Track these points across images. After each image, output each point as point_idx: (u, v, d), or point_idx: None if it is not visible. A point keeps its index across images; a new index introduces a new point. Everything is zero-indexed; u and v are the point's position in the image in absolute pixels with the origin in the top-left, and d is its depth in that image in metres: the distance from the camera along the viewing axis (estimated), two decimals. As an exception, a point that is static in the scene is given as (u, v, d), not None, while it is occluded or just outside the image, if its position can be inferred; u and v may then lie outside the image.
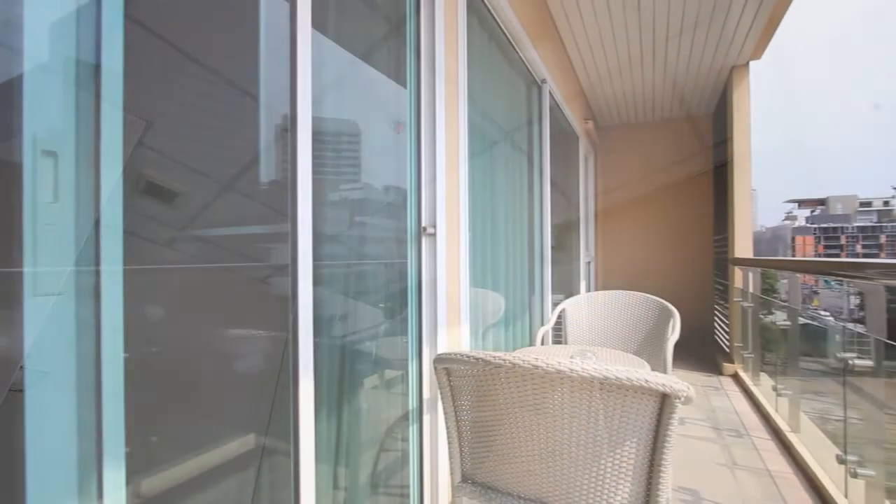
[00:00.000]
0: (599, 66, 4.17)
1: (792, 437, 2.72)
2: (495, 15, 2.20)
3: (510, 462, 1.22)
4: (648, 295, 2.52)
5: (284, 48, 1.05)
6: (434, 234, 1.57)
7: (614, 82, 4.57)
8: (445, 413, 1.29)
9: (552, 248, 3.13)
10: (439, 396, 1.30)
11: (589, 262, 5.16)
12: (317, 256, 1.19)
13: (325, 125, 1.25)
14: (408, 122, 1.55)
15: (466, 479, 1.33)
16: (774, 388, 3.08)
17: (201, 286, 0.98)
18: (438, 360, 1.24)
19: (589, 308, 2.72)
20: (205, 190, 0.98)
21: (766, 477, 2.43)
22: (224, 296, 1.05)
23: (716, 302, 5.44)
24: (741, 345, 4.09)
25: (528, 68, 2.77)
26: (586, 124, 4.57)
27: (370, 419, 1.49)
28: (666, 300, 2.55)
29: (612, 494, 1.15)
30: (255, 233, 1.12)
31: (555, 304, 2.71)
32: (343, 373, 1.32)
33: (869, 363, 1.87)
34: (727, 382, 4.11)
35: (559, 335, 2.73)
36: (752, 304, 3.76)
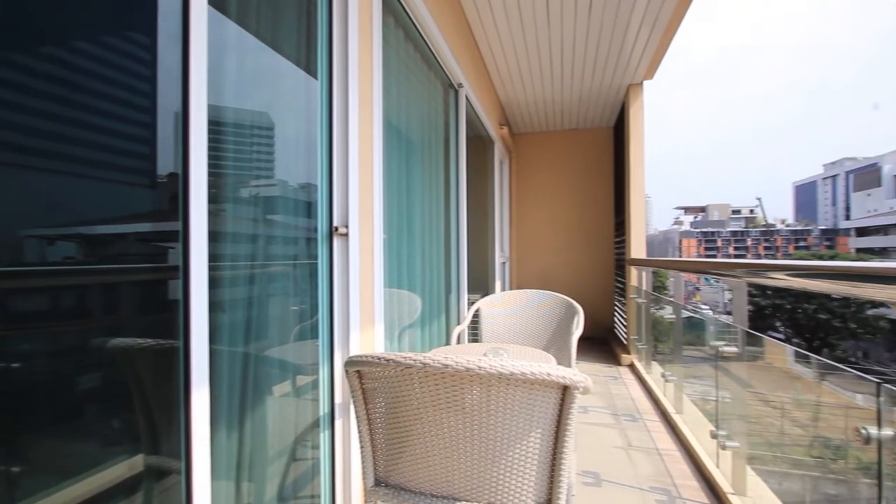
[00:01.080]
0: (513, 74, 4.36)
1: (676, 418, 3.05)
2: (412, 15, 2.20)
3: (424, 462, 1.22)
4: (556, 293, 2.68)
5: (175, 23, 0.95)
6: (346, 235, 1.53)
7: (527, 91, 4.81)
8: (357, 417, 1.26)
9: (468, 248, 3.21)
10: (351, 400, 1.27)
11: (504, 263, 5.36)
12: (215, 257, 1.10)
13: (225, 114, 1.16)
14: (318, 117, 1.49)
15: (380, 483, 1.31)
16: (663, 375, 3.43)
17: (63, 291, 0.86)
18: (350, 364, 1.21)
19: (502, 307, 2.82)
20: (62, 183, 0.86)
21: (655, 455, 2.69)
22: (93, 301, 0.94)
23: (616, 299, 5.94)
24: (636, 337, 4.50)
25: (445, 72, 2.81)
26: (501, 130, 4.75)
27: (277, 429, 1.41)
28: (573, 298, 2.73)
29: (519, 484, 1.19)
30: (136, 231, 1.01)
31: (471, 304, 2.78)
32: (246, 382, 1.23)
33: (734, 349, 2.15)
34: (625, 372, 4.50)
35: (476, 333, 2.80)
36: (644, 300, 4.15)
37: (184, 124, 0.95)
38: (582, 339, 6.17)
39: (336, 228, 1.50)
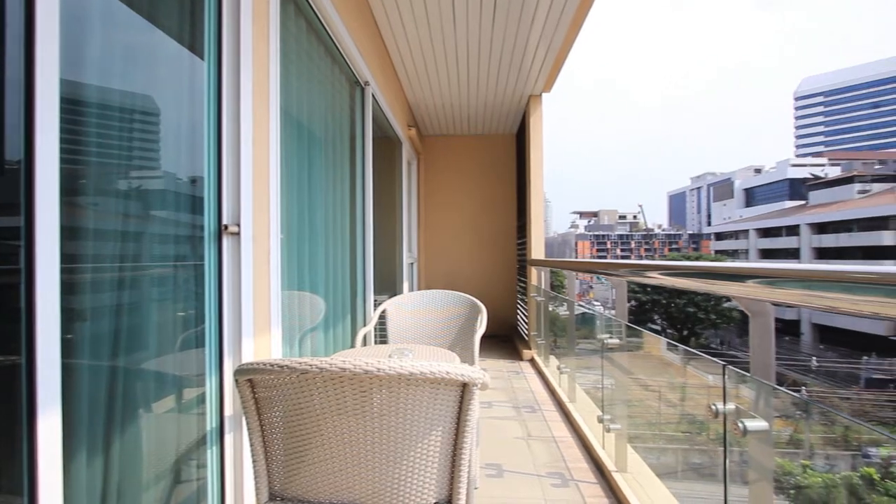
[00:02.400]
0: (421, 77, 4.39)
1: (570, 407, 3.29)
2: (314, 6, 2.11)
3: (325, 470, 1.17)
4: (461, 293, 2.74)
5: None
6: (238, 234, 1.42)
7: (435, 94, 4.88)
8: (250, 429, 1.18)
9: (375, 249, 3.17)
10: (243, 412, 1.18)
11: (412, 264, 5.38)
12: (73, 258, 0.96)
13: (86, 93, 1.01)
14: (205, 102, 1.36)
15: (275, 497, 1.23)
16: (559, 368, 3.68)
17: None
18: (240, 372, 1.13)
19: (409, 307, 2.83)
20: None
21: (552, 443, 2.88)
22: None
23: (518, 298, 6.26)
24: (536, 333, 4.78)
25: (350, 68, 2.75)
26: (410, 131, 4.76)
27: (155, 450, 1.26)
28: (479, 297, 2.81)
29: (420, 483, 1.19)
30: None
31: (377, 305, 2.74)
32: (114, 399, 1.09)
33: (617, 341, 2.37)
34: (526, 367, 4.76)
35: (384, 335, 2.77)
36: (543, 299, 4.43)
37: (26, 102, 0.81)
38: (487, 337, 6.39)
39: (226, 227, 1.38)
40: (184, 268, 1.34)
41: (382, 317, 2.74)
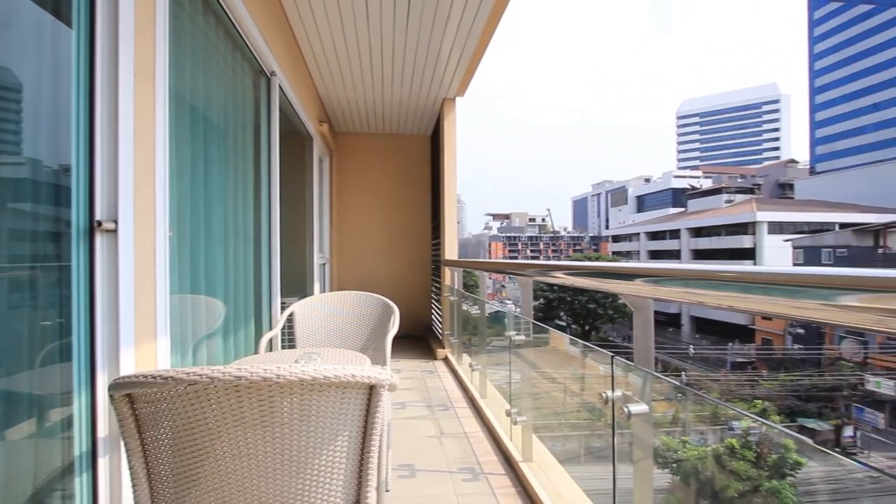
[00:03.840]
0: (334, 72, 4.26)
1: (481, 403, 3.39)
2: (211, -14, 1.95)
3: (222, 487, 1.08)
4: (373, 294, 2.70)
5: None
6: (115, 231, 1.26)
7: (348, 91, 4.76)
8: (129, 451, 1.05)
9: (283, 248, 3.00)
10: (120, 432, 1.05)
11: (324, 264, 5.19)
12: None
13: None
14: (73, 78, 1.19)
15: (160, 524, 1.11)
16: (471, 365, 3.78)
17: None
18: (116, 387, 1.01)
19: (320, 309, 2.72)
20: None
21: (463, 439, 2.94)
22: None
23: (433, 298, 6.33)
24: (450, 332, 4.86)
25: (255, 55, 2.57)
26: (321, 126, 4.59)
27: (6, 486, 1.08)
28: (394, 298, 2.79)
29: (327, 490, 1.15)
30: None
31: (285, 308, 2.60)
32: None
33: (523, 338, 2.49)
34: (440, 365, 4.82)
35: (293, 339, 2.63)
36: (456, 298, 4.52)
37: None
38: (402, 338, 6.35)
39: (99, 223, 1.22)
40: (45, 270, 1.16)
41: (290, 320, 2.61)
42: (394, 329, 2.34)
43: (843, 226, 33.17)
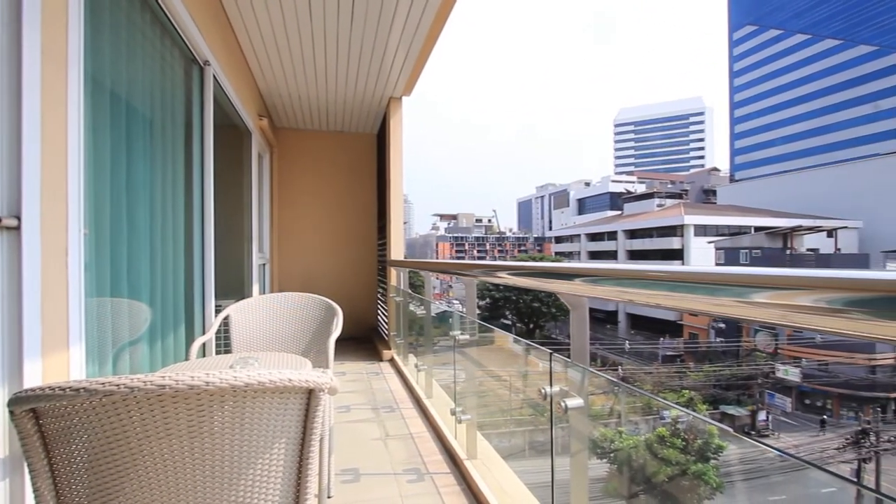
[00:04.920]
0: (275, 65, 4.09)
1: (427, 403, 3.39)
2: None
3: (145, 505, 1.00)
4: (315, 295, 2.62)
5: None
6: (18, 228, 1.13)
7: (290, 86, 4.59)
8: (34, 472, 0.95)
9: (218, 248, 2.84)
10: (23, 451, 0.94)
11: (263, 265, 4.98)
12: None
13: None
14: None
15: (70, 551, 1.01)
16: (417, 366, 3.77)
17: None
18: (17, 402, 0.91)
19: (258, 312, 2.60)
20: None
21: (409, 440, 2.92)
22: None
23: (379, 298, 6.25)
24: (396, 333, 4.82)
25: (186, 42, 2.41)
26: (261, 121, 4.40)
27: None
28: (338, 299, 2.72)
29: (263, 500, 1.11)
30: None
31: (220, 311, 2.46)
32: None
33: (467, 337, 2.52)
34: (386, 367, 4.77)
35: (229, 344, 2.50)
36: (402, 299, 4.49)
37: None
38: (347, 340, 6.23)
39: (-1, 219, 1.09)
40: (-72, 271, 1.02)
41: (226, 324, 2.47)
42: (337, 331, 2.28)
43: (757, 229, 36.52)
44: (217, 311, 2.72)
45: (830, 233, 34.34)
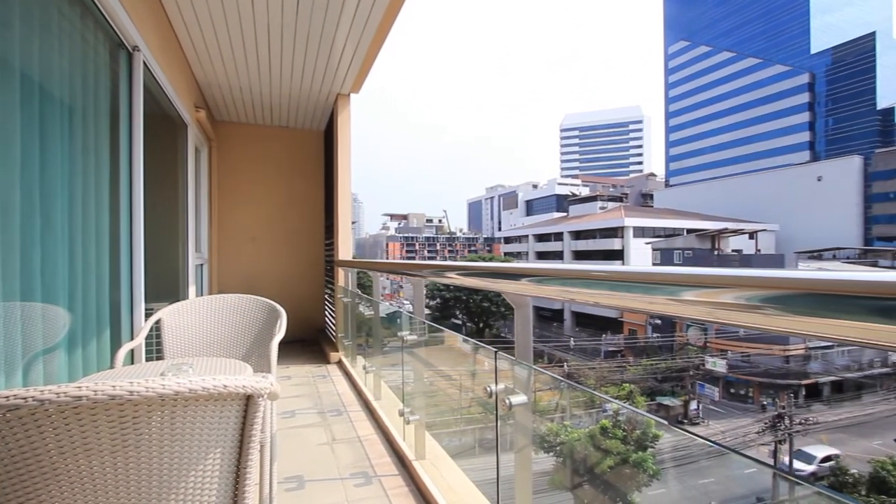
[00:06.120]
0: (213, 55, 3.88)
1: (376, 405, 3.34)
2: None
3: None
4: (258, 297, 2.51)
5: None
6: None
7: (231, 77, 4.38)
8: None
9: (149, 247, 2.65)
10: None
11: (201, 265, 4.71)
12: None
13: None
14: None
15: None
16: (365, 368, 3.71)
17: None
18: None
19: (194, 315, 2.45)
20: None
21: (357, 443, 2.87)
22: None
23: (326, 299, 6.09)
24: (343, 334, 4.72)
25: (111, 25, 2.23)
26: (198, 113, 4.15)
27: None
28: (284, 301, 2.61)
29: (195, 515, 1.04)
30: None
31: (151, 315, 2.29)
32: None
33: (415, 337, 2.51)
34: (333, 369, 4.66)
35: (161, 350, 2.34)
36: (350, 300, 4.40)
37: None
38: (293, 343, 6.04)
39: None
40: None
41: (157, 329, 2.31)
42: (280, 333, 2.19)
43: (689, 231, 39.15)
44: (148, 315, 2.53)
45: (752, 235, 37.47)
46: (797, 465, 15.56)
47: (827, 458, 15.32)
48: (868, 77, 65.58)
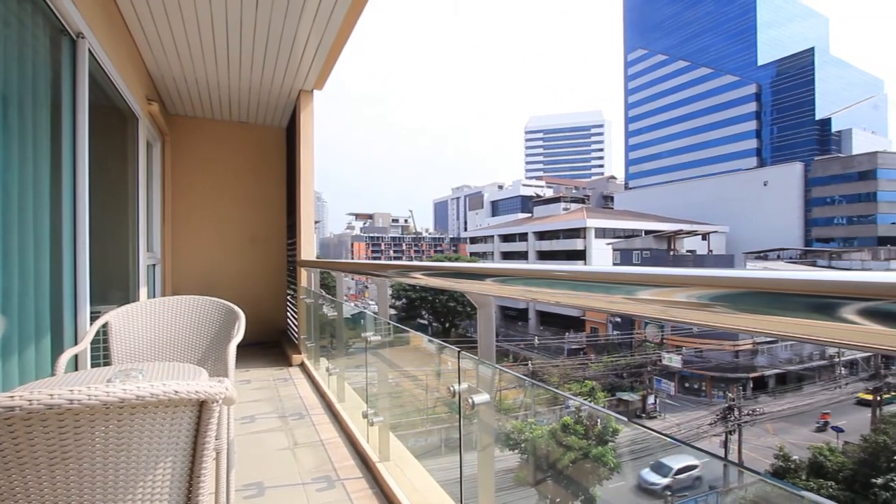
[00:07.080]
0: (166, 44, 3.70)
1: (339, 407, 3.29)
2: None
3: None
4: (215, 298, 2.42)
5: None
6: None
7: (185, 69, 4.19)
8: None
9: (95, 246, 2.50)
10: None
11: (154, 265, 4.49)
12: None
13: None
14: None
15: None
16: (328, 369, 3.63)
17: None
18: None
19: (146, 318, 2.33)
20: None
21: (319, 447, 2.81)
22: None
23: (288, 300, 5.94)
24: (306, 336, 4.62)
25: (51, 9, 2.09)
26: (150, 106, 3.96)
27: None
28: (243, 302, 2.52)
29: (144, 528, 0.99)
30: None
31: (98, 318, 2.16)
32: None
33: (378, 338, 2.48)
34: (295, 372, 4.55)
35: (108, 355, 2.20)
36: (313, 301, 4.31)
37: None
38: (254, 345, 5.86)
39: None
40: None
41: (105, 333, 2.18)
42: (238, 336, 2.11)
43: (647, 233, 40.65)
44: (94, 319, 2.39)
45: (705, 236, 39.37)
46: (653, 478, 14.10)
47: (685, 469, 14.24)
48: (808, 89, 70.43)
